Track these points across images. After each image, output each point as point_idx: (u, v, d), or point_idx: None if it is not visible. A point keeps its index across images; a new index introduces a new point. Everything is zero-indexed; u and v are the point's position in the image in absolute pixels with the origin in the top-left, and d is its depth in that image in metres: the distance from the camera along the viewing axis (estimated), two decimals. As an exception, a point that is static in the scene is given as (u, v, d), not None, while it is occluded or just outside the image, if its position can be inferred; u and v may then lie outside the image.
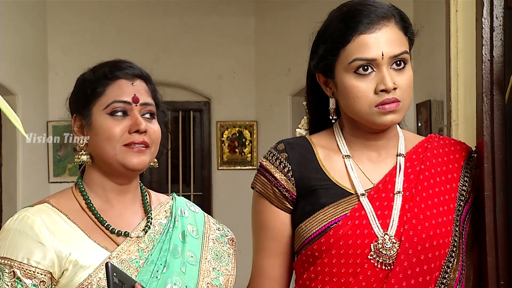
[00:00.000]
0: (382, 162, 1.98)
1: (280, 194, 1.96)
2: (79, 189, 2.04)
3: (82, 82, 2.05)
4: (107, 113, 1.98)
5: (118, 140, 1.97)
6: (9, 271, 1.90)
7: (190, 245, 2.07)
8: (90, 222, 1.99)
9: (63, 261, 1.92)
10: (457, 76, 2.21)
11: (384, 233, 1.89)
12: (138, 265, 1.96)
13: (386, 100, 1.87)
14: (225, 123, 7.80)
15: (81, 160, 2.01)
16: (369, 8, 1.90)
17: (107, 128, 1.97)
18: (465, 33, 2.16)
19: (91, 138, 2.00)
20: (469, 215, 1.99)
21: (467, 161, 2.01)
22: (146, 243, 2.00)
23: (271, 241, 2.00)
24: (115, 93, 2.00)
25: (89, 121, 1.99)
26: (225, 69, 7.76)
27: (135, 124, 1.98)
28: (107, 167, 2.00)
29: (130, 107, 1.99)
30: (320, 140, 2.02)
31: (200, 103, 7.87)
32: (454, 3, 2.20)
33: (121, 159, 1.97)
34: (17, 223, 1.94)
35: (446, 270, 1.92)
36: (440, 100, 5.73)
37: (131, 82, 2.02)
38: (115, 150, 1.97)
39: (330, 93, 1.98)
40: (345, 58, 1.90)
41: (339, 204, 1.92)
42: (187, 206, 2.15)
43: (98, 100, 2.00)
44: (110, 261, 1.88)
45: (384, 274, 1.88)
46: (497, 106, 1.96)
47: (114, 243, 1.97)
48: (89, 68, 2.09)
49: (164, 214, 2.09)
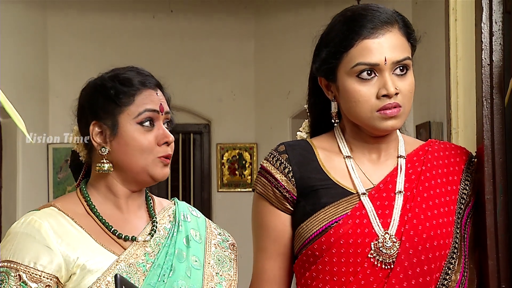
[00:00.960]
0: (383, 164, 1.99)
1: (281, 195, 1.97)
2: (83, 195, 2.04)
3: (103, 89, 2.03)
4: (137, 122, 1.98)
5: (151, 152, 1.99)
6: (15, 274, 1.90)
7: (194, 249, 2.07)
8: (97, 226, 1.99)
9: (71, 265, 1.92)
10: (457, 84, 2.23)
11: (384, 232, 1.89)
12: (145, 269, 1.97)
13: (388, 105, 1.88)
14: (225, 146, 7.82)
15: (102, 168, 2.00)
16: (373, 13, 1.91)
17: (139, 139, 1.98)
18: (464, 41, 2.17)
19: (118, 147, 1.99)
20: (470, 219, 1.99)
21: (468, 165, 2.02)
22: (152, 247, 2.01)
23: (271, 242, 2.00)
24: (145, 102, 2.00)
25: (115, 130, 1.99)
26: (225, 91, 7.79)
27: (164, 136, 2.01)
28: (130, 176, 2.01)
29: (157, 116, 2.00)
30: (321, 142, 2.03)
31: (200, 126, 7.89)
32: (453, 12, 2.22)
33: (151, 170, 1.99)
34: (24, 227, 1.94)
35: (447, 272, 1.92)
36: (439, 122, 5.76)
37: (155, 91, 2.03)
38: (146, 162, 1.99)
39: (331, 96, 1.98)
40: (347, 62, 1.91)
41: (340, 204, 1.93)
42: (189, 211, 2.16)
43: (126, 109, 1.99)
44: (119, 273, 1.90)
45: (384, 274, 1.88)
46: (497, 110, 1.97)
47: (121, 247, 1.98)
48: (103, 74, 2.08)
49: (168, 219, 2.10)
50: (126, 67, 2.09)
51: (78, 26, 7.54)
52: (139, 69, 2.08)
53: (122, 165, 2.00)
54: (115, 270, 1.92)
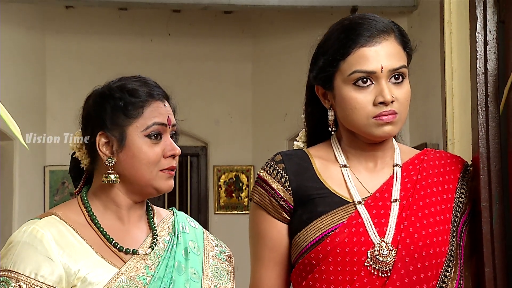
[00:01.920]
0: (379, 172, 2.00)
1: (278, 205, 1.97)
2: (84, 204, 2.02)
3: (111, 99, 2.01)
4: (145, 135, 1.97)
5: (156, 165, 1.97)
6: (15, 284, 1.87)
7: (192, 261, 2.06)
8: (97, 238, 1.98)
9: (72, 278, 1.90)
10: (452, 96, 2.25)
11: (381, 240, 1.90)
12: (145, 282, 1.95)
13: (384, 112, 1.90)
14: (222, 168, 7.83)
15: (109, 179, 1.98)
16: (370, 22, 1.94)
17: (147, 152, 1.97)
18: (459, 53, 2.20)
19: (125, 159, 1.98)
20: (466, 227, 2.00)
21: (463, 173, 2.03)
22: (152, 259, 2.00)
23: (268, 252, 2.00)
24: (154, 115, 1.98)
25: (123, 141, 1.97)
26: (222, 114, 7.81)
27: (171, 149, 1.99)
28: (135, 188, 2.00)
29: (165, 129, 1.99)
30: (317, 151, 2.04)
31: (197, 148, 7.90)
32: (448, 25, 2.25)
33: (156, 183, 1.98)
34: (26, 236, 1.91)
35: (443, 280, 1.92)
36: (436, 143, 5.77)
37: (163, 103, 2.02)
38: (151, 175, 1.97)
39: (328, 105, 1.99)
40: (344, 70, 1.92)
41: (336, 212, 1.93)
42: (187, 221, 2.15)
43: (135, 121, 1.97)
44: (119, 286, 1.90)
45: (381, 282, 1.88)
46: (492, 118, 1.99)
47: (121, 260, 1.96)
48: (110, 83, 2.05)
49: (167, 231, 2.09)
50: (132, 76, 2.07)
51: (76, 49, 7.58)
52: (146, 79, 2.06)
53: (129, 177, 1.99)
54: (116, 283, 1.91)
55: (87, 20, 7.51)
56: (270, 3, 6.67)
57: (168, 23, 7.56)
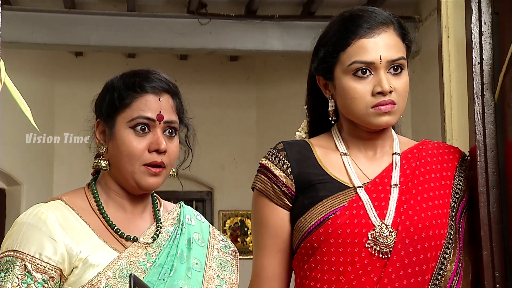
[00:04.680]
0: (378, 160, 2.04)
1: (280, 191, 2.00)
2: (91, 191, 2.04)
3: (111, 89, 2.03)
4: (130, 126, 1.97)
5: (138, 159, 1.96)
6: (21, 264, 1.89)
7: (195, 252, 2.08)
8: (100, 224, 1.99)
9: (73, 259, 1.92)
10: (450, 98, 2.30)
11: (381, 222, 1.92)
12: (145, 267, 1.97)
13: (382, 101, 1.93)
14: (227, 212, 7.85)
15: (99, 165, 2.00)
16: (369, 14, 1.98)
17: (129, 143, 1.96)
18: (457, 55, 2.26)
19: (112, 148, 1.99)
20: (464, 214, 2.03)
21: (461, 162, 2.07)
22: (153, 247, 2.01)
23: (270, 239, 2.02)
24: (141, 108, 1.98)
25: (112, 130, 1.98)
26: (227, 159, 7.86)
27: (156, 143, 1.96)
28: (122, 180, 2.01)
29: (154, 124, 1.97)
30: (318, 141, 2.08)
31: (202, 193, 7.94)
32: (446, 30, 2.31)
33: (137, 178, 1.97)
34: (31, 218, 1.94)
35: (442, 261, 1.94)
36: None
37: (158, 97, 1.99)
38: (133, 168, 1.96)
39: (329, 95, 2.04)
40: (344, 61, 1.96)
41: (337, 197, 1.96)
42: (194, 215, 2.17)
43: (123, 112, 1.98)
44: (119, 269, 1.91)
45: (381, 263, 1.90)
46: (487, 106, 2.04)
47: (122, 246, 1.98)
48: (118, 75, 2.07)
49: (171, 222, 2.10)
50: (144, 69, 2.07)
51: (84, 95, 7.58)
52: (152, 72, 2.05)
53: (115, 167, 2.01)
54: (116, 266, 1.93)
55: (96, 67, 7.64)
56: (275, 48, 6.78)
57: (175, 70, 7.66)
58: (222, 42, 6.79)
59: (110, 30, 6.70)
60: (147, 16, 6.89)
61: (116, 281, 1.92)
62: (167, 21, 6.83)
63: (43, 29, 6.72)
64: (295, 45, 6.67)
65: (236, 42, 6.79)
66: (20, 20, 6.62)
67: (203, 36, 6.75)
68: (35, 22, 6.67)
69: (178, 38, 6.76)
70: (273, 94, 7.84)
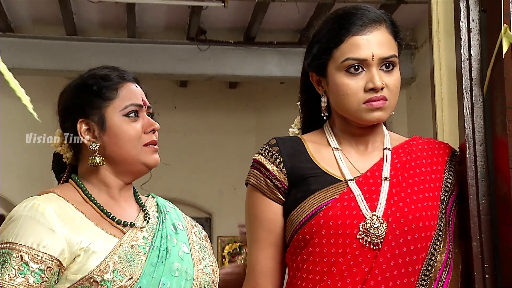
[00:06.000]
0: (369, 155, 2.07)
1: (273, 185, 2.03)
2: (77, 185, 2.08)
3: (85, 87, 2.10)
4: (123, 115, 2.07)
5: (138, 141, 2.06)
6: (17, 255, 1.90)
7: (181, 236, 2.14)
8: (95, 213, 2.04)
9: (74, 248, 1.94)
10: (441, 100, 2.34)
11: (372, 213, 1.94)
12: (145, 250, 2.01)
13: (374, 97, 1.96)
14: (226, 238, 7.85)
15: (94, 161, 2.05)
16: (362, 12, 2.02)
17: (127, 129, 2.06)
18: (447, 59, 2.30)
19: (108, 140, 2.06)
20: (454, 207, 2.05)
21: (451, 157, 2.10)
22: (148, 231, 2.07)
23: (264, 232, 2.04)
24: (128, 96, 2.10)
25: (104, 124, 2.06)
26: (226, 185, 7.88)
27: (150, 124, 2.10)
28: (124, 167, 2.08)
29: (141, 108, 2.10)
30: (311, 136, 2.12)
31: (201, 219, 7.94)
32: (436, 34, 2.35)
33: (143, 158, 2.07)
34: (27, 210, 1.95)
35: (432, 252, 1.96)
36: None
37: (134, 84, 2.14)
38: (136, 150, 2.06)
39: (322, 91, 2.07)
40: (337, 57, 1.99)
41: (329, 190, 1.99)
42: (167, 204, 2.25)
43: (112, 103, 2.08)
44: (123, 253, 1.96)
45: (372, 255, 1.92)
46: (476, 100, 2.07)
47: (120, 231, 2.03)
48: (83, 75, 2.15)
49: (154, 209, 2.17)
50: (101, 66, 2.18)
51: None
52: (114, 66, 2.18)
53: (115, 157, 2.07)
54: (119, 250, 1.97)
55: (96, 93, 7.67)
56: (273, 74, 6.85)
57: (174, 97, 7.73)
58: (221, 68, 6.87)
59: (111, 57, 6.78)
60: (148, 42, 6.99)
61: (122, 265, 1.95)
62: (167, 47, 6.92)
63: (45, 55, 6.80)
64: (293, 71, 6.71)
65: (235, 68, 6.86)
66: (22, 46, 6.71)
67: (202, 62, 6.83)
68: (36, 49, 6.75)
69: (178, 64, 6.84)
70: (272, 120, 7.88)
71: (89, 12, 6.97)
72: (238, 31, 7.18)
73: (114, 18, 7.08)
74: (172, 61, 6.84)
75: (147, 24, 7.15)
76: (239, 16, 6.98)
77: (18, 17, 7.11)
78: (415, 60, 7.06)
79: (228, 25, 7.16)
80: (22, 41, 6.78)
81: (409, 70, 7.04)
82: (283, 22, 7.09)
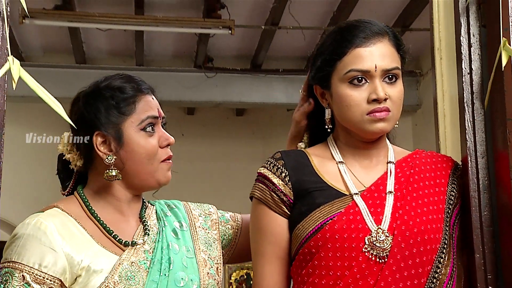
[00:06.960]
0: (373, 168, 2.08)
1: (278, 199, 2.04)
2: (81, 199, 2.06)
3: (103, 98, 2.05)
4: (140, 129, 2.03)
5: (155, 157, 2.04)
6: (19, 275, 1.90)
7: (183, 239, 2.12)
8: (97, 229, 2.02)
9: (75, 268, 1.94)
10: (444, 116, 2.37)
11: (377, 227, 1.95)
12: (146, 266, 2.00)
13: (377, 108, 1.98)
14: (233, 266, 7.82)
15: (110, 175, 2.02)
16: (365, 25, 2.05)
17: (145, 145, 2.03)
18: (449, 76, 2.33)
19: (125, 155, 2.03)
20: (458, 220, 2.07)
21: (454, 170, 2.12)
22: (149, 244, 2.05)
23: (270, 246, 2.04)
24: (145, 109, 2.06)
25: (121, 139, 2.02)
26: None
27: (165, 138, 2.08)
28: (136, 181, 2.05)
29: (157, 121, 2.07)
30: (315, 150, 2.14)
31: (208, 246, 7.93)
32: (438, 52, 2.39)
33: (158, 176, 2.05)
34: (30, 229, 1.94)
35: (437, 265, 1.97)
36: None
37: (151, 96, 2.10)
38: (153, 167, 2.03)
39: (326, 104, 2.10)
40: (340, 69, 2.02)
41: (334, 203, 1.99)
42: (166, 207, 2.20)
43: (129, 117, 2.04)
44: (123, 271, 1.94)
45: (378, 267, 1.93)
46: (477, 113, 2.10)
47: (120, 250, 2.01)
48: (97, 82, 2.09)
49: (154, 216, 2.15)
50: (116, 74, 2.13)
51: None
52: (130, 75, 2.14)
53: (130, 172, 2.04)
54: (119, 268, 1.95)
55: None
56: (279, 101, 6.89)
57: (182, 125, 7.75)
58: (228, 95, 6.91)
59: (119, 84, 6.80)
60: (156, 70, 7.04)
61: (123, 285, 1.94)
62: (174, 75, 6.96)
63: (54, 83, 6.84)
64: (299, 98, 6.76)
65: (242, 95, 6.90)
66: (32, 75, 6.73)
67: (209, 89, 6.88)
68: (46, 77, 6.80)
69: (186, 91, 6.89)
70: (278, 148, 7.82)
71: (98, 41, 7.04)
72: (244, 59, 7.23)
73: (123, 46, 7.15)
74: (180, 88, 6.89)
75: (155, 52, 7.22)
76: (245, 44, 7.04)
77: (29, 47, 7.19)
78: (420, 88, 7.10)
79: (235, 52, 7.22)
80: (32, 69, 6.78)
81: (414, 97, 7.07)
82: (289, 50, 7.15)
